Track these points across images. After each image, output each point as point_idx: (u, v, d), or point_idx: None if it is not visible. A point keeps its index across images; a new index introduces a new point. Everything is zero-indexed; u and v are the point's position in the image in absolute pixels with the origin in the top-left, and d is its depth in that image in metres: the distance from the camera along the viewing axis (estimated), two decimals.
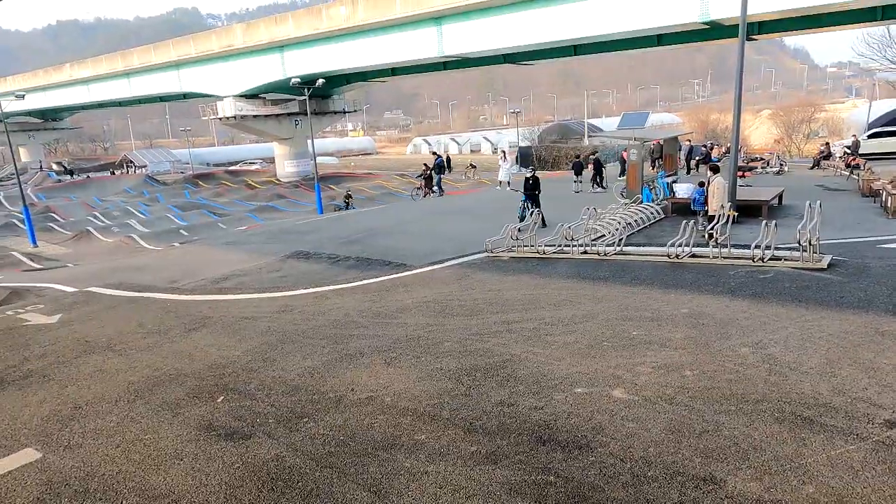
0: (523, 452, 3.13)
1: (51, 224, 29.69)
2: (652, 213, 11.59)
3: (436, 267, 8.31)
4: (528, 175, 13.48)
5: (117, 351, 5.54)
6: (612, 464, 2.96)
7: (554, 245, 8.48)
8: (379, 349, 4.90)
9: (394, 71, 36.86)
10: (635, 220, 10.54)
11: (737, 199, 10.39)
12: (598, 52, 28.39)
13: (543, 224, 12.56)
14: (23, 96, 33.19)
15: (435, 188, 25.99)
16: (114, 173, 56.96)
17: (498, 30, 25.50)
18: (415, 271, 8.24)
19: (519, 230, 9.42)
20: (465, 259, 8.67)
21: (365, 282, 7.92)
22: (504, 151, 26.84)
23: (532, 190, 13.12)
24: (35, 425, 3.99)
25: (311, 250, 11.89)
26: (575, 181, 19.67)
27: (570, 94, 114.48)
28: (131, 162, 65.68)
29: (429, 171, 26.75)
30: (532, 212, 10.92)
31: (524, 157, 38.81)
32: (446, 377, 4.18)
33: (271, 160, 53.80)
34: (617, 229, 8.62)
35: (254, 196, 36.93)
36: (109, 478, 3.22)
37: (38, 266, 19.88)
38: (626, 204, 12.23)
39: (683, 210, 12.03)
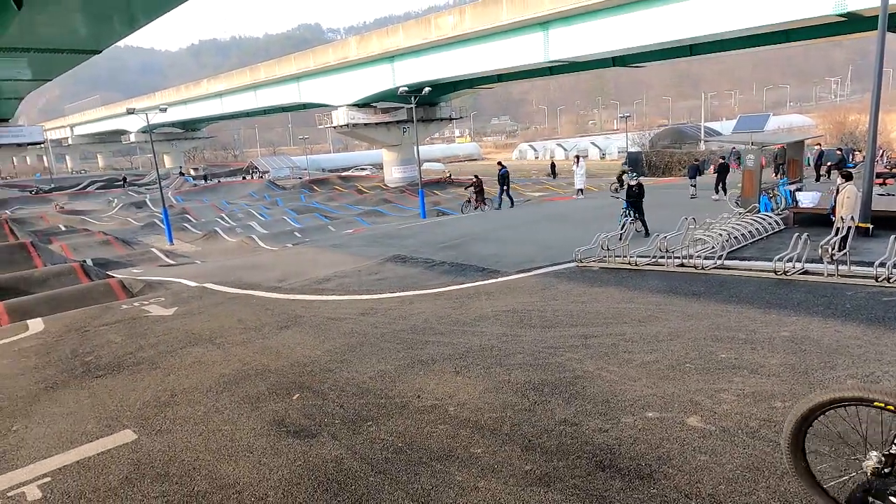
0: (580, 477, 2.98)
1: (185, 224, 32.82)
2: (770, 224, 10.64)
3: (523, 275, 8.19)
4: (633, 182, 12.91)
5: (217, 344, 5.99)
6: (675, 499, 2.74)
7: (648, 256, 8.04)
8: (451, 357, 4.90)
9: (500, 77, 36.96)
10: (748, 232, 9.74)
11: (871, 209, 9.30)
12: (717, 51, 26.67)
13: (647, 233, 11.99)
14: (166, 109, 37.02)
15: (490, 200, 25.51)
16: (244, 178, 61.91)
17: (606, 32, 24.72)
18: (502, 279, 8.17)
19: (620, 238, 9.05)
20: (554, 268, 8.46)
21: (452, 287, 7.97)
22: (578, 156, 25.76)
23: (636, 197, 12.57)
24: (137, 409, 4.41)
25: (408, 254, 12.18)
26: (692, 185, 18.65)
27: (686, 97, 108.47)
28: (256, 168, 71.10)
29: (479, 182, 26.46)
30: (631, 219, 10.45)
31: (633, 163, 37.23)
32: (512, 390, 4.08)
33: (380, 166, 55.87)
34: (719, 241, 7.99)
35: (362, 200, 38.53)
36: (187, 464, 3.47)
37: (172, 262, 22.08)
38: (739, 213, 11.35)
39: (808, 221, 10.96)
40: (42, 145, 47.79)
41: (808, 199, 11.93)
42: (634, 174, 14.42)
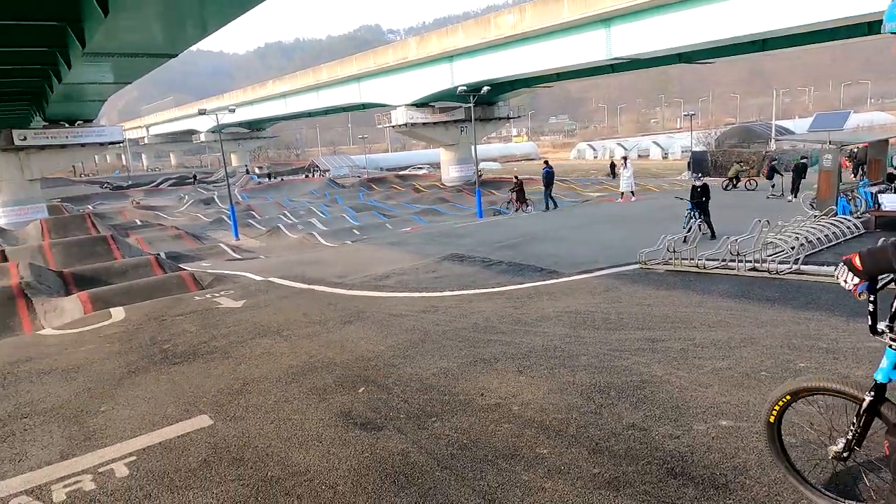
0: (650, 483, 2.91)
1: (250, 220, 34.07)
2: (848, 228, 10.06)
3: (584, 276, 8.06)
4: (697, 183, 12.48)
5: (284, 336, 6.20)
6: None
7: (717, 259, 7.75)
8: (513, 356, 4.88)
9: (559, 76, 36.47)
10: (824, 236, 9.24)
11: None
12: (791, 45, 25.39)
13: (713, 235, 11.57)
14: (234, 110, 38.48)
15: (531, 203, 25.09)
16: (306, 177, 63.71)
17: (672, 28, 23.95)
18: (562, 279, 8.07)
19: (685, 240, 8.78)
20: (617, 270, 8.29)
21: (511, 287, 7.94)
22: (625, 158, 24.86)
23: (700, 198, 12.16)
24: (212, 396, 4.62)
25: (466, 253, 12.22)
26: (773, 186, 17.94)
27: (756, 94, 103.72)
28: (317, 167, 73.03)
29: (520, 183, 26.04)
30: (697, 222, 10.11)
31: (697, 163, 35.94)
32: (577, 392, 4.03)
33: (437, 165, 56.24)
34: (794, 246, 7.61)
35: (419, 199, 38.90)
36: (261, 450, 3.61)
37: (238, 257, 22.97)
38: (815, 216, 10.78)
39: (892, 225, 10.30)
40: (121, 144, 50.67)
41: (892, 202, 11.19)
42: (699, 174, 13.92)
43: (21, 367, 5.83)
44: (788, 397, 2.55)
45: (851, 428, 2.37)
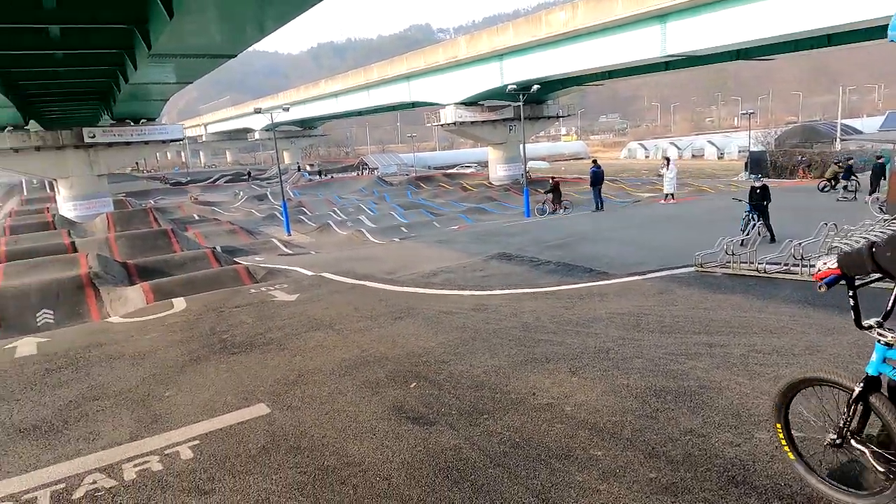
0: (710, 490, 2.84)
1: (301, 217, 34.87)
2: None
3: (637, 278, 7.90)
4: (757, 184, 12.03)
5: (336, 330, 6.33)
6: None
7: (779, 263, 7.45)
8: (565, 357, 4.84)
9: (610, 74, 35.83)
10: None
11: None
12: (860, 40, 24.13)
13: (772, 239, 11.15)
14: (289, 108, 39.46)
15: (567, 205, 24.55)
16: (358, 174, 64.76)
17: (731, 23, 23.14)
18: (614, 281, 7.94)
19: (742, 244, 8.49)
20: (670, 272, 8.09)
21: (561, 287, 7.86)
22: (668, 159, 23.93)
23: (759, 200, 11.71)
24: (269, 385, 4.76)
25: (513, 252, 12.17)
26: (845, 188, 17.15)
27: (819, 92, 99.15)
28: (366, 165, 74.06)
29: (556, 185, 25.50)
30: (756, 224, 9.75)
31: (755, 164, 34.64)
32: (632, 395, 3.96)
33: (485, 164, 56.17)
34: None
35: (466, 198, 38.93)
36: (317, 440, 3.71)
37: (290, 252, 23.57)
38: (884, 220, 10.22)
39: None
40: (181, 142, 52.79)
41: None
42: (758, 175, 13.41)
43: (92, 352, 6.16)
44: (793, 388, 2.72)
45: (843, 417, 2.51)
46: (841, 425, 2.54)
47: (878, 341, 2.37)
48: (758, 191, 11.80)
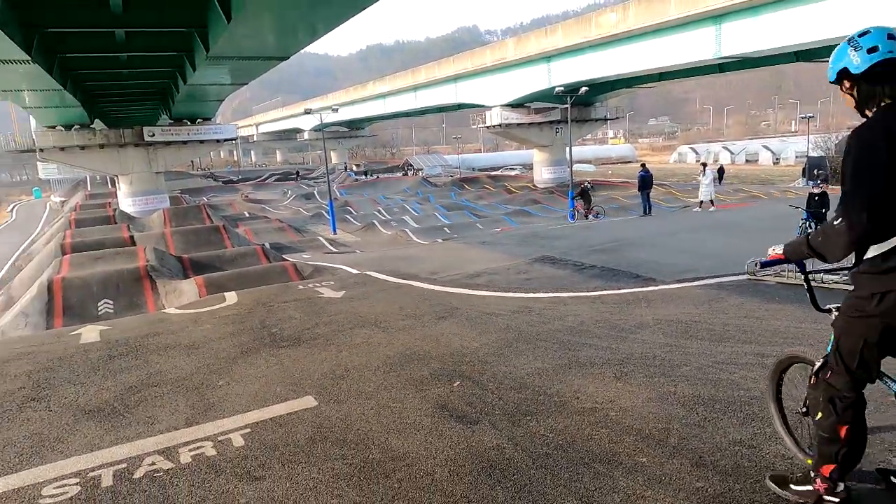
0: (760, 502, 2.77)
1: (347, 216, 35.48)
2: None
3: (685, 284, 7.73)
4: (816, 190, 11.59)
5: (381, 327, 6.44)
6: None
7: (837, 273, 7.15)
8: (610, 362, 4.79)
9: (661, 76, 35.10)
10: None
11: None
12: None
13: None
14: (337, 109, 40.18)
15: (598, 211, 23.93)
16: (403, 175, 65.43)
17: (790, 24, 22.32)
18: (661, 287, 7.79)
19: None
20: (721, 279, 7.88)
21: (606, 292, 7.77)
22: (704, 164, 23.00)
23: (818, 207, 11.28)
24: (316, 379, 4.90)
25: (557, 256, 12.09)
26: None
27: None
28: (411, 165, 74.64)
29: (584, 189, 24.86)
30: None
31: (813, 170, 33.25)
32: (679, 403, 3.90)
33: (530, 166, 55.82)
34: None
35: (510, 200, 38.80)
36: (362, 433, 3.80)
37: (335, 250, 24.03)
38: None
39: None
40: (234, 141, 54.49)
41: None
42: (818, 181, 12.91)
43: (150, 341, 6.46)
44: (782, 366, 3.08)
45: (808, 388, 2.74)
46: (805, 397, 2.81)
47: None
48: (816, 197, 11.39)
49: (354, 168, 73.45)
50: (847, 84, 2.37)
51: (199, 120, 37.34)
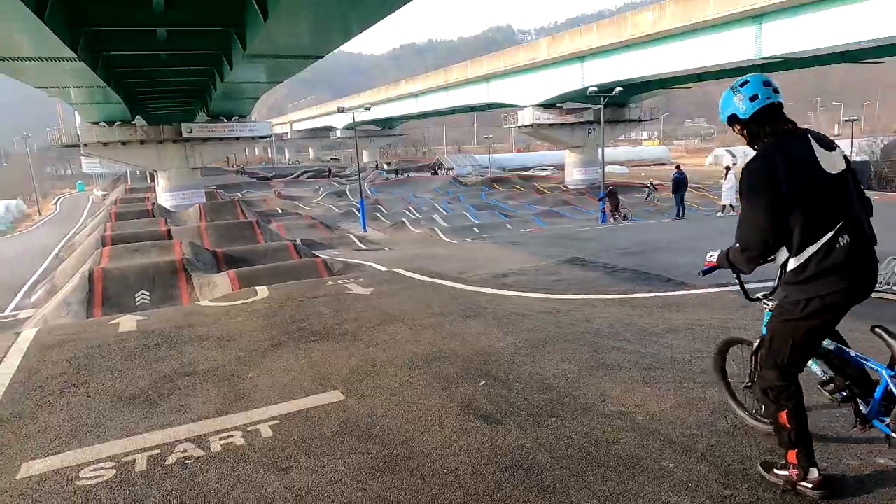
0: None
1: (377, 214, 35.74)
2: None
3: (720, 290, 7.57)
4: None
5: (408, 325, 6.48)
6: None
7: (879, 282, 6.91)
8: (638, 366, 4.73)
9: (699, 76, 34.43)
10: None
11: None
12: None
13: None
14: (370, 108, 40.51)
15: (626, 214, 23.37)
16: (433, 174, 65.62)
17: (835, 24, 21.62)
18: (693, 291, 7.65)
19: None
20: (756, 285, 7.67)
21: (636, 295, 7.67)
22: (727, 168, 22.25)
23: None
24: (343, 373, 4.96)
25: (587, 258, 11.98)
26: None
27: None
28: (441, 165, 74.73)
29: (613, 192, 24.34)
30: None
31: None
32: (709, 409, 3.83)
33: (561, 167, 55.34)
34: None
35: (541, 201, 38.55)
36: (387, 429, 3.84)
37: (365, 247, 24.24)
38: None
39: None
40: (268, 139, 55.43)
41: None
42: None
43: (185, 332, 6.63)
44: (725, 346, 3.68)
45: (749, 365, 3.32)
46: (749, 372, 3.34)
47: (765, 309, 3.08)
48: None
49: (385, 166, 73.98)
50: (737, 127, 2.77)
51: (235, 117, 38.12)
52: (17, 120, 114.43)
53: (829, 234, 2.52)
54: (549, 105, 41.34)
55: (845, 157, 2.69)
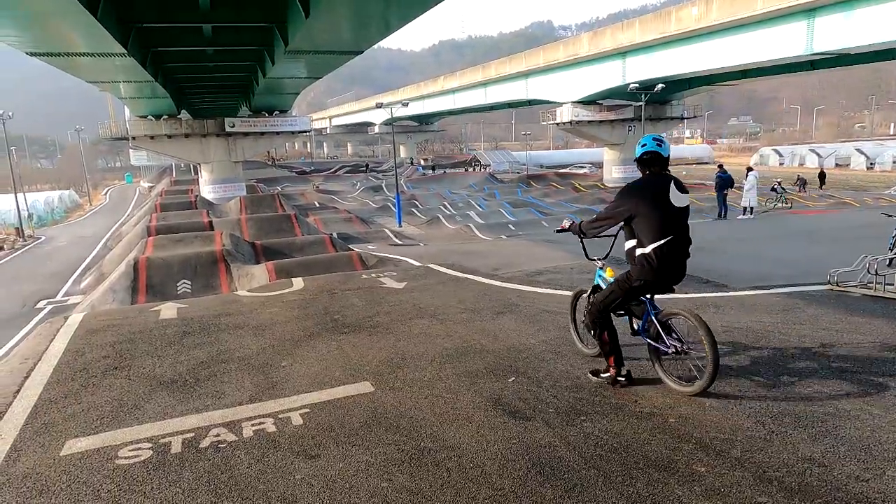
0: None
1: (412, 209, 35.89)
2: None
3: (758, 292, 7.35)
4: None
5: (440, 319, 6.49)
6: None
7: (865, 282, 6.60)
8: (673, 367, 4.62)
9: (745, 73, 33.42)
10: None
11: None
12: None
13: None
14: (408, 104, 40.70)
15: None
16: (468, 170, 65.53)
17: (892, 18, 20.65)
18: (732, 293, 7.44)
19: (889, 263, 7.61)
20: (798, 289, 7.43)
21: (673, 296, 7.47)
22: (749, 169, 21.19)
23: None
24: (374, 365, 5.00)
25: (623, 257, 11.75)
26: None
27: None
28: (478, 161, 74.58)
29: None
30: None
31: None
32: (745, 414, 3.72)
33: (600, 165, 54.53)
34: None
35: (578, 198, 38.09)
36: (415, 421, 3.85)
37: (400, 242, 24.38)
38: None
39: None
40: (307, 133, 56.27)
41: None
42: None
43: (222, 320, 6.80)
44: (576, 296, 5.15)
45: (582, 310, 4.69)
46: (585, 312, 4.48)
47: (598, 267, 4.72)
48: None
49: (422, 162, 74.20)
50: (637, 164, 4.08)
51: (276, 112, 38.83)
52: (71, 111, 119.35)
53: (664, 240, 3.91)
54: (588, 102, 40.75)
55: (688, 201, 4.09)
